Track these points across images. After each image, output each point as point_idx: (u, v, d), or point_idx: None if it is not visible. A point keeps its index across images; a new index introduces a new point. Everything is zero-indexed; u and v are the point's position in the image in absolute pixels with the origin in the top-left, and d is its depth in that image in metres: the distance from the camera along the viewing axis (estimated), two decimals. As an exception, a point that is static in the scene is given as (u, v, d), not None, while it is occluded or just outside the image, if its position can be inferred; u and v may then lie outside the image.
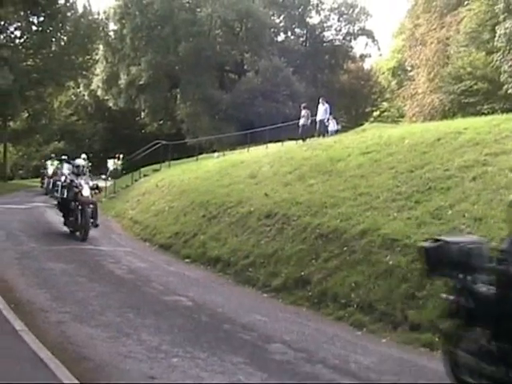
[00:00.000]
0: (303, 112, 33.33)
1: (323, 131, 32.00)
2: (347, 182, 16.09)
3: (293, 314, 10.82)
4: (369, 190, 14.56)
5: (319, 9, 72.78)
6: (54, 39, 44.30)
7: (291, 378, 7.45)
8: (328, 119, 32.87)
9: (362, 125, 54.27)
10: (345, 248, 12.24)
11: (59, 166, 38.09)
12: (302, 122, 32.97)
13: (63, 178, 20.96)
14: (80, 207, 18.44)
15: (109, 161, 46.91)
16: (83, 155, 38.88)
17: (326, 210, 14.37)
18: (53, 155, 39.13)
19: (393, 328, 9.79)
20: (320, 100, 33.16)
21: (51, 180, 31.37)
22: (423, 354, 8.79)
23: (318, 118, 32.35)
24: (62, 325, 8.99)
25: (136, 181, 34.08)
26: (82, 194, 18.54)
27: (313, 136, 31.54)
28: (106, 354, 7.77)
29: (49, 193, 27.22)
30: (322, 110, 32.47)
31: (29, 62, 43.25)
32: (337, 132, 33.95)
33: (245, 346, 8.64)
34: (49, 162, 36.24)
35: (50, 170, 34.30)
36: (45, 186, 34.48)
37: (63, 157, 46.21)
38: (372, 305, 10.40)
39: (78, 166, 20.01)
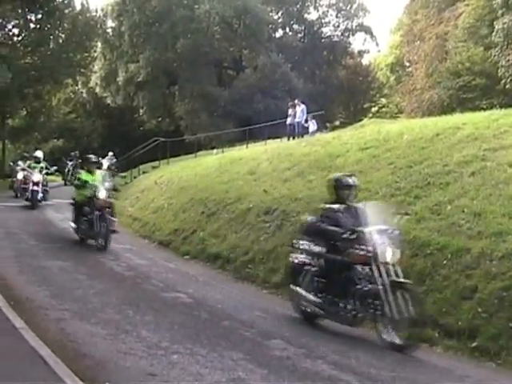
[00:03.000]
0: (290, 111, 33.38)
1: (301, 132, 32.09)
2: (346, 177, 16.08)
3: (292, 310, 10.81)
4: (368, 185, 14.53)
5: (317, 5, 72.46)
6: (51, 37, 44.09)
7: (291, 374, 7.45)
8: (307, 120, 32.95)
9: (360, 121, 54.31)
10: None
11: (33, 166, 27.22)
12: (289, 120, 33.05)
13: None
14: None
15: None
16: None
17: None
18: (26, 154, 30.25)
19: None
20: (296, 101, 33.35)
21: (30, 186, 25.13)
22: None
23: (296, 119, 32.50)
24: (61, 322, 8.97)
25: (135, 178, 34.14)
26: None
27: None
28: (105, 351, 7.77)
29: None
30: (299, 111, 32.62)
31: (27, 60, 43.06)
32: (318, 130, 34.01)
33: (244, 343, 8.64)
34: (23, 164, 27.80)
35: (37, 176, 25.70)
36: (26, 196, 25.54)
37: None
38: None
39: None
